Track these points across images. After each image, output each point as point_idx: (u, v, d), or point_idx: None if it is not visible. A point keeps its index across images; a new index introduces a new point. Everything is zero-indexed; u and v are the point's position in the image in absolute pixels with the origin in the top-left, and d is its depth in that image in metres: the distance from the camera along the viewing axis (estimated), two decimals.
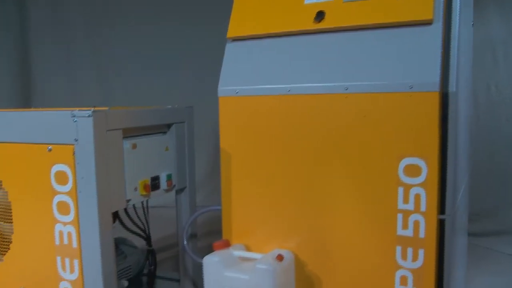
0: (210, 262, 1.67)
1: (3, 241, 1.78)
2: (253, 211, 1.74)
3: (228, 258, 1.67)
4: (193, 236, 2.07)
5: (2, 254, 1.78)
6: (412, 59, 1.50)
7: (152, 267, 2.01)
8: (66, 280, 1.64)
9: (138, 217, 2.04)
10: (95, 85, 4.10)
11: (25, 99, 4.15)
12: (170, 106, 1.96)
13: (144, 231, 2.05)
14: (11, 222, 1.74)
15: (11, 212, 1.73)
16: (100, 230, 1.55)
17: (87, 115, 1.52)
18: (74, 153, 1.56)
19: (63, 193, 1.60)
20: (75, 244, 1.60)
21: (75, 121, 1.54)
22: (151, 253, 2.03)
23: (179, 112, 1.97)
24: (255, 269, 1.58)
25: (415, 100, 1.47)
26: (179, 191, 2.03)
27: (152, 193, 1.82)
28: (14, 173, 1.69)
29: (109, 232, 1.61)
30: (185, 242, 1.89)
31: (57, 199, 1.61)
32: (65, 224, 1.61)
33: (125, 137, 1.69)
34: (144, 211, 1.99)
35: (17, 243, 1.73)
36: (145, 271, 2.14)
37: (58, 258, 1.64)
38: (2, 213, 1.76)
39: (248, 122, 1.73)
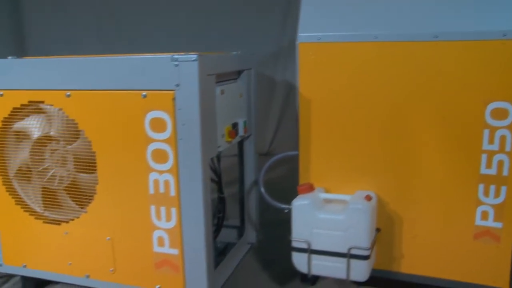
0: (300, 205, 1.72)
1: (85, 193, 1.72)
2: (332, 155, 1.80)
3: (316, 200, 1.73)
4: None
5: (84, 205, 1.72)
6: (505, 7, 1.58)
7: (221, 214, 2.03)
8: (162, 228, 1.63)
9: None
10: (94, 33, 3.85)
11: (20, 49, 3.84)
12: (238, 52, 1.93)
13: (217, 178, 2.02)
14: (94, 173, 1.68)
15: (94, 163, 1.67)
16: (203, 177, 1.55)
17: (192, 59, 1.48)
18: (174, 99, 1.52)
19: (159, 140, 1.56)
20: (173, 192, 1.58)
21: (177, 65, 1.49)
22: (222, 200, 2.03)
23: (248, 59, 1.95)
24: (350, 209, 1.65)
25: (508, 48, 1.56)
26: (245, 138, 2.04)
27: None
28: (100, 122, 1.62)
29: (209, 180, 1.60)
30: (262, 189, 1.92)
31: (152, 147, 1.58)
32: (161, 172, 1.58)
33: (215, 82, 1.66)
34: (217, 158, 1.96)
35: (102, 194, 1.68)
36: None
37: (153, 207, 1.62)
38: (83, 164, 1.69)
39: (330, 69, 1.75)
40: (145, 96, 1.55)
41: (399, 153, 1.73)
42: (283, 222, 1.85)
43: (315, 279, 1.97)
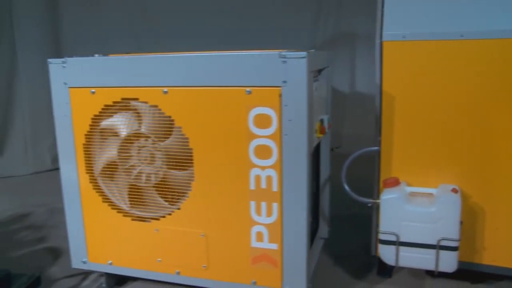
0: (389, 199, 1.77)
1: (178, 190, 1.72)
2: (414, 150, 1.84)
3: (403, 194, 1.78)
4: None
5: (176, 202, 1.73)
6: None
7: None
8: (261, 224, 1.65)
9: None
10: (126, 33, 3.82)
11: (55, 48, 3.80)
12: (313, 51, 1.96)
13: None
14: (188, 170, 1.69)
15: (190, 160, 1.68)
16: (307, 172, 1.57)
17: (300, 56, 1.50)
18: (280, 95, 1.54)
19: (263, 136, 1.59)
20: (275, 187, 1.61)
21: (285, 62, 1.52)
22: None
23: (328, 57, 1.99)
24: (441, 202, 1.70)
25: None
26: None
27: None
28: (199, 119, 1.63)
29: (311, 174, 1.63)
30: (346, 186, 1.95)
31: (255, 143, 1.60)
32: (264, 168, 1.61)
33: None
34: None
35: (198, 190, 1.69)
36: None
37: (253, 203, 1.64)
38: (177, 161, 1.70)
39: (414, 67, 1.79)
40: (249, 92, 1.57)
41: (481, 147, 1.78)
42: (350, 217, 1.89)
43: (391, 272, 2.01)
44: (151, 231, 1.78)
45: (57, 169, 3.77)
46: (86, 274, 2.06)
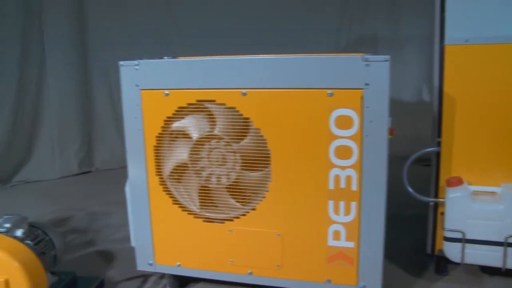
0: (455, 197, 1.82)
1: (252, 191, 1.74)
2: (476, 150, 1.90)
3: (468, 192, 1.83)
4: None
5: (250, 203, 1.75)
6: None
7: None
8: (339, 222, 1.68)
9: None
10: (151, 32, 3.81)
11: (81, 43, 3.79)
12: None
13: None
14: (264, 171, 1.71)
15: (267, 160, 1.70)
16: (387, 172, 1.61)
17: (383, 59, 1.55)
18: (362, 97, 1.58)
19: (344, 137, 1.62)
20: (354, 187, 1.64)
21: (368, 65, 1.56)
22: None
23: None
24: (508, 199, 1.76)
25: None
26: None
27: None
28: (278, 120, 1.66)
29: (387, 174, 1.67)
30: (408, 186, 2.00)
31: (336, 143, 1.63)
32: (344, 168, 1.64)
33: None
34: None
35: (275, 191, 1.71)
36: None
37: (331, 202, 1.67)
38: (254, 162, 1.72)
39: (477, 70, 1.85)
40: (331, 94, 1.60)
41: None
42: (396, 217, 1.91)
43: (447, 269, 2.06)
44: (224, 232, 1.79)
45: (84, 173, 3.80)
46: (145, 276, 2.06)
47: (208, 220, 1.81)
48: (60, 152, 3.65)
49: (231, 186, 1.77)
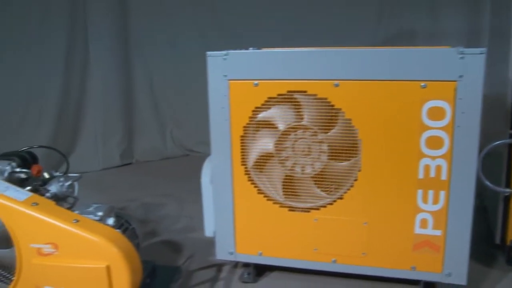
0: None
1: (340, 180, 1.78)
2: None
3: None
4: None
5: (337, 192, 1.78)
6: None
7: None
8: (426, 211, 1.72)
9: None
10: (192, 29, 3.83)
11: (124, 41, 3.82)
12: None
13: None
14: (350, 160, 1.75)
15: (357, 150, 1.74)
16: (476, 161, 1.66)
17: (479, 52, 1.59)
18: (455, 89, 1.62)
19: (435, 128, 1.66)
20: (444, 176, 1.68)
21: (462, 58, 1.60)
22: None
23: None
24: None
25: None
26: None
27: None
28: (369, 111, 1.69)
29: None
30: (482, 175, 2.04)
31: (427, 134, 1.67)
32: (434, 158, 1.68)
33: None
34: None
35: (363, 180, 1.75)
36: None
37: (420, 191, 1.71)
38: (343, 152, 1.75)
39: None
40: (425, 86, 1.64)
41: None
42: None
43: None
44: (310, 221, 1.83)
45: (125, 165, 3.81)
46: (219, 266, 2.09)
47: (294, 209, 1.84)
48: (103, 144, 3.67)
49: (317, 176, 1.81)
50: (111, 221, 1.74)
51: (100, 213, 1.74)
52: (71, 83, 3.63)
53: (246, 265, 2.01)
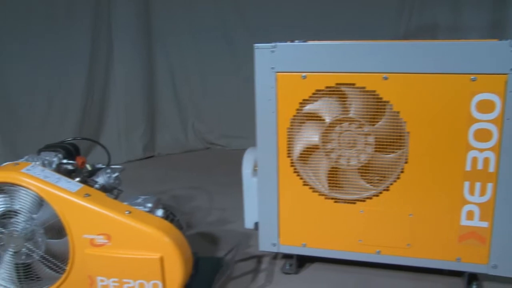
0: None
1: (386, 172, 1.80)
2: None
3: None
4: None
5: (378, 184, 1.80)
6: None
7: None
8: (473, 203, 1.74)
9: None
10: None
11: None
12: None
13: None
14: (396, 152, 1.77)
15: (403, 142, 1.75)
16: None
17: None
18: (506, 82, 1.63)
19: (484, 121, 1.67)
20: (492, 168, 1.70)
21: None
22: None
23: None
24: None
25: None
26: None
27: None
28: (418, 104, 1.71)
29: None
30: None
31: (475, 127, 1.68)
32: (482, 150, 1.70)
33: None
34: None
35: (410, 172, 1.77)
36: None
37: (467, 183, 1.73)
38: (390, 144, 1.77)
39: None
40: (474, 79, 1.65)
41: None
42: None
43: None
44: (355, 213, 1.84)
45: (148, 158, 3.82)
46: (258, 257, 2.11)
47: (340, 201, 1.86)
48: (126, 137, 3.68)
49: (363, 168, 1.82)
50: (160, 212, 1.75)
51: (149, 205, 1.76)
52: (95, 77, 3.63)
53: (287, 256, 2.02)
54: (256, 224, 2.06)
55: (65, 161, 1.85)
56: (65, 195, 1.64)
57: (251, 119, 1.78)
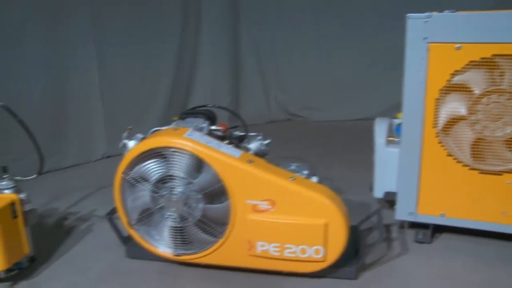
0: None
1: None
2: None
3: None
4: None
5: None
6: None
7: None
8: None
9: None
10: None
11: None
12: None
13: None
14: None
15: None
16: None
17: None
18: None
19: None
20: None
21: None
22: None
23: None
24: None
25: None
26: None
27: None
28: None
29: None
30: None
31: None
32: None
33: None
34: None
35: None
36: None
37: None
38: None
39: None
40: None
41: None
42: None
43: None
44: (502, 184, 1.85)
45: (233, 127, 3.86)
46: (386, 226, 2.14)
47: (486, 172, 1.86)
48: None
49: (509, 140, 1.82)
50: (315, 179, 1.78)
51: (305, 172, 1.79)
52: (185, 51, 3.68)
53: (416, 225, 2.05)
54: (387, 193, 2.09)
55: (213, 127, 1.89)
56: (230, 161, 1.68)
57: (332, 93, 1.80)
